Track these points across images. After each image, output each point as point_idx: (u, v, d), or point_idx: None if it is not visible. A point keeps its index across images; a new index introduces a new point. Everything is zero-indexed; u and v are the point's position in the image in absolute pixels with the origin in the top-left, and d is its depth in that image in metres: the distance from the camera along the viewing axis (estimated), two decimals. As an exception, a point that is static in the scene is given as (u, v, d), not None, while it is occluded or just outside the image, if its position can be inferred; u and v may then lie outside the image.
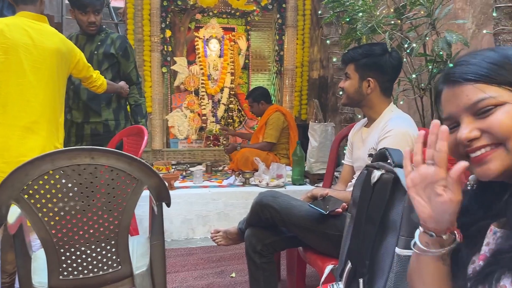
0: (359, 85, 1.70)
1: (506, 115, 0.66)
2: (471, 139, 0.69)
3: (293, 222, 1.56)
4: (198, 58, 4.75)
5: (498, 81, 0.68)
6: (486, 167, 0.68)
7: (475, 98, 0.68)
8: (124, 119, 2.79)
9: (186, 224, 3.10)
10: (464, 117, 0.70)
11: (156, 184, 1.42)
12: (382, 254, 1.06)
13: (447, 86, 0.74)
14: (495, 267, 0.65)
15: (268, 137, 3.79)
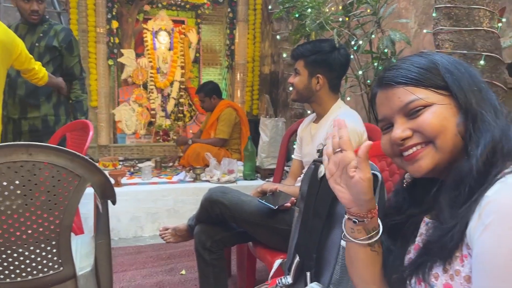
0: (309, 82, 1.72)
1: (433, 115, 0.70)
2: (404, 138, 0.73)
3: (243, 217, 1.56)
4: (147, 50, 4.62)
5: (425, 84, 0.72)
6: (417, 165, 0.72)
7: (406, 100, 0.72)
8: (64, 115, 2.66)
9: (135, 221, 3.02)
10: (397, 118, 0.74)
11: (100, 181, 1.36)
12: (328, 247, 1.08)
13: (380, 89, 0.78)
14: (426, 257, 0.68)
15: (220, 133, 3.76)
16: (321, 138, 1.70)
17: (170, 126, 4.69)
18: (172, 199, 3.10)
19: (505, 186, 0.58)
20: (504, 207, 0.55)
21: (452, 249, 0.64)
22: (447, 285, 0.65)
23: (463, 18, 1.26)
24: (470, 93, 0.70)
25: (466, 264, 0.62)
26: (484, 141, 0.65)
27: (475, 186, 0.63)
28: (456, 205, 0.65)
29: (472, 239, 0.59)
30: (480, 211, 0.59)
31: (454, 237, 0.63)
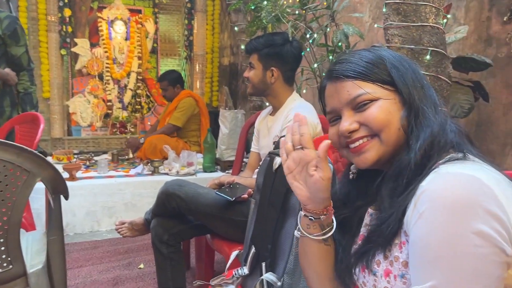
0: (263, 75, 1.74)
1: (379, 110, 0.72)
2: (351, 131, 0.75)
3: (199, 210, 1.56)
4: (102, 40, 4.48)
5: (372, 78, 0.74)
6: (363, 157, 0.74)
7: (354, 93, 0.74)
8: (10, 106, 2.54)
9: (91, 216, 2.95)
10: (344, 111, 0.76)
11: (51, 176, 1.32)
12: (283, 238, 1.11)
13: (330, 81, 0.80)
14: (369, 245, 0.72)
15: (174, 119, 3.67)
16: (277, 130, 1.72)
17: (127, 118, 4.58)
18: (129, 193, 3.05)
19: (438, 175, 0.62)
20: (437, 195, 0.59)
21: (390, 237, 0.67)
22: (387, 270, 0.68)
23: (411, 14, 1.31)
24: (413, 89, 0.73)
25: (404, 250, 0.66)
26: (424, 136, 0.69)
27: (412, 178, 0.66)
28: (395, 195, 0.68)
29: (409, 227, 0.63)
30: (415, 200, 0.62)
31: (391, 225, 0.66)
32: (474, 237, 0.55)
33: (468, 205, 0.56)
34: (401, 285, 0.66)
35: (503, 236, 0.55)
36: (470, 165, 0.63)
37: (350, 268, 0.77)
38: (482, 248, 0.55)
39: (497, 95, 1.72)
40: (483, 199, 0.56)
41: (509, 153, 1.67)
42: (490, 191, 0.57)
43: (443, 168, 0.63)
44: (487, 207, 0.55)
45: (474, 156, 0.67)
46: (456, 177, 0.60)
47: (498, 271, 0.55)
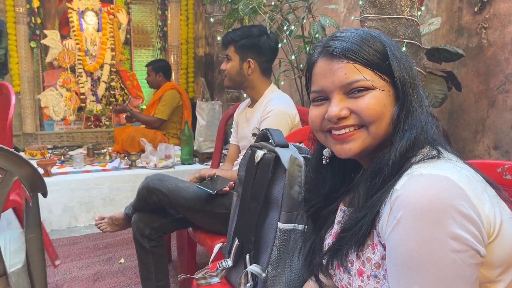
0: (240, 67, 1.75)
1: (375, 100, 0.68)
2: (340, 117, 0.70)
3: (181, 204, 1.56)
4: (73, 32, 4.37)
5: (373, 66, 0.70)
6: (347, 146, 0.71)
7: (352, 78, 0.69)
8: None
9: (68, 212, 2.90)
10: (336, 94, 0.71)
11: (29, 174, 1.30)
12: (266, 229, 1.12)
13: (324, 58, 0.73)
14: (341, 243, 0.71)
15: (160, 113, 3.66)
16: (255, 122, 1.74)
17: (102, 111, 4.51)
18: (107, 187, 3.01)
19: (412, 179, 0.60)
20: (412, 201, 0.58)
21: (362, 238, 0.66)
22: (360, 270, 0.68)
23: (387, 6, 1.33)
24: (409, 86, 0.70)
25: (377, 252, 0.65)
26: (408, 136, 0.67)
27: (388, 178, 0.65)
28: (369, 195, 0.67)
29: (385, 232, 0.61)
30: (391, 205, 0.60)
31: (363, 227, 0.66)
32: (452, 242, 0.55)
33: (443, 208, 0.56)
34: (375, 284, 0.66)
35: (477, 238, 0.56)
36: (443, 164, 0.62)
37: (326, 265, 0.76)
38: (461, 253, 0.55)
39: (469, 84, 1.77)
40: (457, 201, 0.56)
41: (480, 140, 1.73)
42: (463, 192, 0.57)
43: (416, 169, 0.62)
44: (461, 210, 0.56)
45: (448, 153, 0.67)
46: (429, 179, 0.59)
47: (476, 273, 0.57)
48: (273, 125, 1.60)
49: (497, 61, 1.65)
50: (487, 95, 1.70)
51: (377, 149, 0.71)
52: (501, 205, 0.63)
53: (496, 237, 0.59)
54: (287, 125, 1.66)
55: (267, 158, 1.15)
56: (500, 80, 1.65)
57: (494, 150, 1.69)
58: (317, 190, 0.84)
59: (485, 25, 1.68)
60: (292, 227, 1.07)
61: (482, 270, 0.58)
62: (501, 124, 1.64)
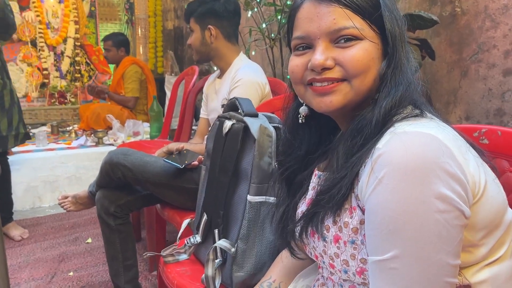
0: (202, 36, 1.71)
1: (364, 52, 0.63)
2: (325, 67, 0.64)
3: (147, 179, 1.48)
4: (33, 3, 4.12)
5: (363, 13, 0.64)
6: (328, 99, 0.65)
7: (341, 24, 0.63)
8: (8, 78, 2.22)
9: (31, 192, 2.78)
10: (321, 41, 0.65)
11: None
12: (235, 203, 1.07)
13: (312, 1, 0.66)
14: (317, 207, 0.66)
15: (130, 91, 3.54)
16: (225, 92, 1.67)
17: (67, 88, 4.31)
18: (73, 166, 2.90)
19: (395, 136, 0.56)
20: (395, 159, 0.54)
21: (340, 201, 0.62)
22: (337, 236, 0.64)
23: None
24: (399, 40, 0.64)
25: (355, 216, 0.61)
26: (394, 93, 0.62)
27: (369, 137, 0.61)
28: (349, 155, 0.62)
29: (365, 193, 0.58)
30: (372, 164, 0.56)
31: (342, 188, 0.61)
32: (437, 202, 0.52)
33: (428, 167, 0.52)
34: (352, 250, 0.62)
35: (463, 197, 0.53)
36: (427, 122, 0.59)
37: (300, 232, 0.72)
38: (445, 213, 0.52)
39: (442, 54, 1.74)
40: (442, 160, 0.53)
41: (453, 110, 1.72)
42: (448, 150, 0.54)
43: (399, 127, 0.58)
44: (447, 168, 0.53)
45: (431, 114, 0.63)
46: (413, 137, 0.55)
47: (460, 235, 0.54)
48: (242, 94, 1.53)
49: (470, 30, 1.62)
50: (459, 65, 1.68)
51: (358, 108, 0.66)
52: (485, 166, 0.60)
53: (480, 197, 0.56)
54: (257, 94, 1.59)
55: (236, 128, 1.09)
56: (473, 50, 1.62)
57: (466, 121, 1.68)
58: (292, 152, 0.79)
59: (459, -7, 1.64)
60: (262, 199, 1.02)
61: (465, 233, 0.55)
62: (473, 94, 1.63)
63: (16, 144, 2.26)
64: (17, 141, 2.25)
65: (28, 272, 1.95)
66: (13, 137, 2.19)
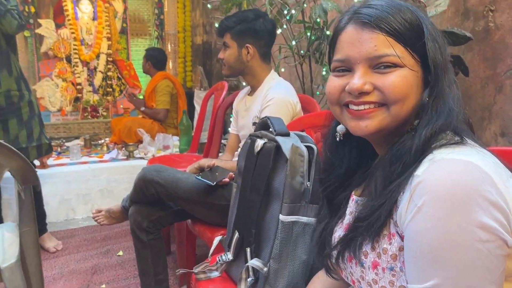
0: (239, 53, 1.70)
1: (403, 80, 0.63)
2: (363, 92, 0.65)
3: (179, 195, 1.51)
4: (68, 21, 4.28)
5: (405, 41, 0.64)
6: (363, 123, 0.66)
7: (382, 51, 0.64)
8: (27, 90, 2.26)
9: (65, 204, 2.86)
10: (361, 66, 0.66)
11: (19, 166, 1.26)
12: (267, 222, 1.08)
13: (354, 26, 0.67)
14: (355, 233, 0.66)
15: (161, 104, 3.62)
16: (256, 110, 1.69)
17: (99, 102, 4.44)
18: (105, 179, 2.97)
19: (434, 164, 0.56)
20: (434, 187, 0.54)
21: (379, 228, 0.62)
22: (375, 262, 0.64)
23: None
24: (441, 70, 0.65)
25: (394, 242, 0.61)
26: (435, 121, 0.62)
27: (408, 164, 0.60)
28: (388, 182, 0.62)
29: (404, 220, 0.57)
30: (411, 192, 0.56)
31: (381, 216, 0.61)
32: (478, 231, 0.51)
33: (468, 195, 0.52)
34: (390, 277, 0.62)
35: (505, 226, 0.52)
36: (467, 150, 0.59)
37: (337, 257, 0.71)
38: (487, 243, 0.51)
39: (475, 69, 1.71)
40: (483, 188, 0.52)
41: (487, 127, 1.68)
42: (489, 178, 0.53)
43: (438, 154, 0.58)
44: (487, 196, 0.52)
45: (471, 140, 0.62)
46: (453, 164, 0.55)
47: (503, 264, 0.53)
48: (274, 113, 1.55)
49: (505, 44, 1.59)
50: (494, 81, 1.65)
51: (394, 133, 0.66)
52: None
53: None
54: (288, 113, 1.60)
55: (268, 148, 1.10)
56: (508, 65, 1.59)
57: (501, 137, 1.64)
58: (333, 170, 0.80)
59: (492, 8, 1.62)
60: (295, 219, 1.03)
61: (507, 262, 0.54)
62: (509, 110, 1.59)
63: (39, 155, 2.27)
64: (41, 153, 2.26)
65: (62, 284, 2.00)
66: (34, 149, 2.20)
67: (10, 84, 2.13)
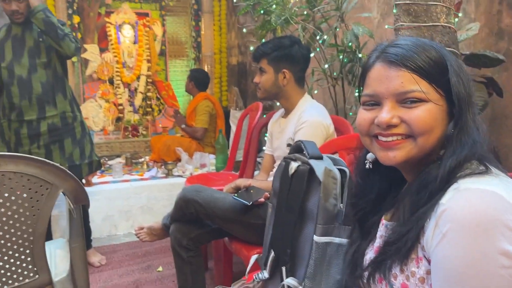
0: (275, 78, 1.76)
1: (428, 113, 0.68)
2: (390, 125, 0.70)
3: (217, 215, 1.58)
4: (111, 45, 4.52)
5: (430, 78, 0.69)
6: (392, 154, 0.71)
7: (408, 87, 0.69)
8: (78, 111, 2.42)
9: (108, 220, 2.99)
10: (388, 101, 0.71)
11: (72, 187, 1.36)
12: (301, 242, 1.12)
13: (382, 64, 0.73)
14: (385, 256, 0.71)
15: (200, 123, 3.74)
16: (290, 132, 1.74)
17: (139, 121, 4.63)
18: (145, 196, 3.09)
19: (458, 193, 0.60)
20: (459, 215, 0.57)
21: (407, 252, 0.66)
22: (404, 285, 0.67)
23: (422, 14, 1.31)
24: (465, 103, 0.69)
25: (421, 266, 0.65)
26: (460, 153, 0.66)
27: (434, 193, 0.64)
28: (415, 209, 0.66)
29: (430, 246, 0.61)
30: (436, 219, 0.60)
31: (408, 241, 0.65)
32: (501, 258, 0.54)
33: (492, 224, 0.55)
34: None
35: None
36: (491, 179, 0.62)
37: (368, 278, 0.75)
38: (510, 268, 0.54)
39: (510, 89, 1.71)
40: (506, 217, 0.55)
41: (524, 147, 1.67)
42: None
43: (462, 184, 0.61)
44: (510, 225, 0.55)
45: (496, 170, 0.65)
46: (476, 194, 0.58)
47: None
48: (308, 135, 1.60)
49: (541, 65, 1.59)
50: (530, 100, 1.64)
51: (421, 162, 0.71)
52: None
53: None
54: (321, 135, 1.65)
55: (301, 170, 1.15)
56: (544, 85, 1.58)
57: (539, 157, 1.62)
58: (364, 195, 0.85)
59: (527, 28, 1.62)
60: (328, 240, 1.06)
61: None
62: (547, 130, 1.58)
63: (90, 171, 2.41)
64: (92, 169, 2.41)
65: (106, 297, 2.10)
66: (86, 165, 2.35)
67: (65, 106, 2.30)
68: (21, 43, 2.19)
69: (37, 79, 2.20)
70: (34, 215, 1.30)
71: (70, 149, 2.28)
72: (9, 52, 2.19)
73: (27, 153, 2.25)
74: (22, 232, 1.29)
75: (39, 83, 2.23)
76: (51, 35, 2.12)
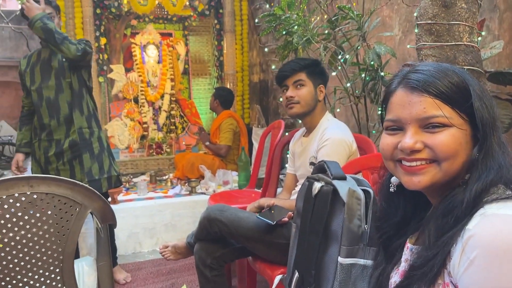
0: (315, 92, 1.78)
1: (451, 138, 0.68)
2: (414, 150, 0.70)
3: (241, 234, 1.59)
4: (136, 65, 4.64)
5: (452, 103, 0.69)
6: (416, 179, 0.71)
7: (431, 113, 0.69)
8: (97, 127, 2.45)
9: (133, 238, 3.03)
10: (411, 126, 0.71)
11: (100, 207, 1.40)
12: (326, 263, 1.12)
13: (404, 89, 0.73)
14: (410, 280, 0.70)
15: (224, 140, 3.79)
16: (312, 151, 1.75)
17: (163, 139, 4.71)
18: (169, 214, 3.12)
19: (485, 219, 0.60)
20: (486, 241, 0.57)
21: (433, 277, 0.65)
22: None
23: (444, 33, 1.31)
24: (490, 128, 0.69)
25: None
26: (486, 178, 0.66)
27: (460, 217, 0.64)
28: (440, 234, 0.66)
29: (457, 272, 0.61)
30: (463, 245, 0.60)
31: (434, 267, 0.65)
32: None
33: None
34: None
35: None
36: None
37: None
38: None
39: (538, 106, 1.68)
40: None
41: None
42: None
43: (489, 209, 0.61)
44: None
45: None
46: (504, 220, 0.58)
47: None
48: (330, 153, 1.61)
49: None
50: (559, 117, 1.60)
51: (446, 186, 0.71)
52: None
53: None
54: (344, 153, 1.65)
55: (325, 191, 1.16)
56: None
57: None
58: (388, 219, 0.84)
59: (553, 44, 1.59)
60: (353, 261, 1.06)
61: None
62: None
63: (110, 186, 2.43)
64: (111, 184, 2.42)
65: (131, 315, 2.12)
66: (105, 180, 2.37)
67: (82, 122, 2.35)
68: (48, 65, 2.28)
69: (63, 99, 2.28)
70: (64, 235, 1.34)
71: (88, 164, 2.32)
72: (38, 75, 2.29)
73: (55, 170, 2.33)
74: (52, 251, 1.33)
75: (65, 103, 2.31)
76: (51, 41, 2.14)
